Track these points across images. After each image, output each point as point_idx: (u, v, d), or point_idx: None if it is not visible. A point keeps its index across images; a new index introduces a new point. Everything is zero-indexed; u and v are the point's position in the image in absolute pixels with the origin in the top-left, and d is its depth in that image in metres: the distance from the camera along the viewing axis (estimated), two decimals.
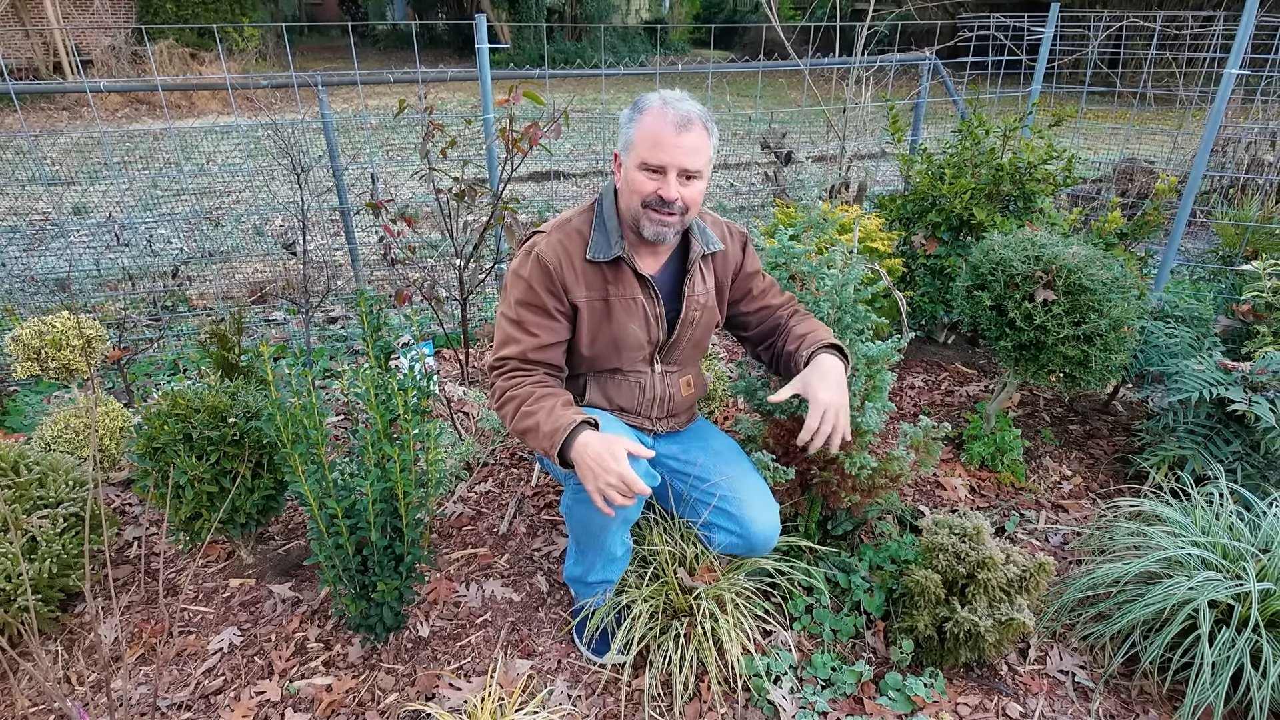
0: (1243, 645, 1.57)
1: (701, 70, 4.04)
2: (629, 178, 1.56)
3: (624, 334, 1.66)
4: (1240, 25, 2.85)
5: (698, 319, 1.74)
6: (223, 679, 1.77)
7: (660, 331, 1.70)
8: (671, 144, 1.49)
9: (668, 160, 1.51)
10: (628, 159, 1.56)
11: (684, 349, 1.78)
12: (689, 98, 1.56)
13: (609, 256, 1.60)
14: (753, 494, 1.72)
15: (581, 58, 16.55)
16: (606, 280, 1.63)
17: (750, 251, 1.82)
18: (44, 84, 3.26)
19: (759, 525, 1.69)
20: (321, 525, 1.62)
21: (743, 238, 1.81)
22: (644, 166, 1.53)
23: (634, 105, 1.56)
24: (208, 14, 14.04)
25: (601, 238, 1.62)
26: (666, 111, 1.50)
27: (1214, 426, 2.20)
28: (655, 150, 1.50)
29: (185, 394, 1.87)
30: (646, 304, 1.66)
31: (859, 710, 1.67)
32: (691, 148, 1.51)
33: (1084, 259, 2.19)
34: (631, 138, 1.54)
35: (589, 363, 1.71)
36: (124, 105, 11.06)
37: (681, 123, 1.49)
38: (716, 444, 1.85)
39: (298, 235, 3.82)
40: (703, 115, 1.53)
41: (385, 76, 3.33)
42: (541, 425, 1.49)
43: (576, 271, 1.61)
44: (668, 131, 1.49)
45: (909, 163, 3.21)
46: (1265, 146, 4.96)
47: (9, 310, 3.46)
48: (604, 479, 1.39)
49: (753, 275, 1.82)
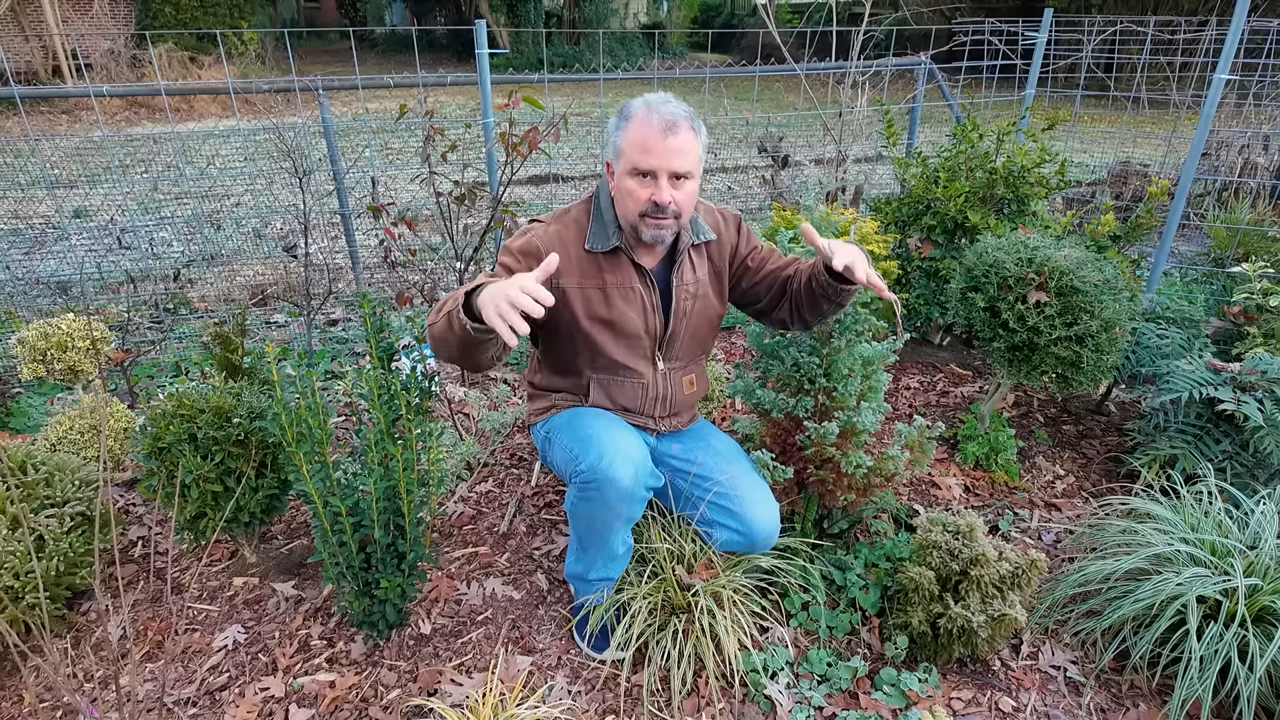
0: (1230, 640, 1.59)
1: (699, 74, 4.07)
2: (622, 186, 1.59)
3: (623, 319, 1.70)
4: (1230, 31, 2.89)
5: (690, 308, 1.76)
6: (227, 675, 1.79)
7: (657, 320, 1.73)
8: (660, 148, 1.52)
9: (657, 164, 1.53)
10: (618, 166, 1.59)
11: (683, 342, 1.80)
12: (674, 99, 1.58)
13: (607, 247, 1.65)
14: (753, 492, 1.75)
15: (580, 62, 16.60)
16: (603, 269, 1.67)
17: (745, 231, 1.83)
18: (48, 88, 3.28)
19: (760, 522, 1.72)
20: (326, 523, 1.65)
21: (736, 220, 1.83)
22: (635, 172, 1.55)
23: (620, 113, 1.58)
24: (207, 18, 14.07)
25: (600, 229, 1.66)
26: (652, 116, 1.52)
27: (1204, 426, 2.23)
28: (644, 155, 1.53)
29: (190, 395, 1.90)
30: (644, 292, 1.70)
31: (854, 705, 1.70)
32: (679, 149, 1.53)
33: (1076, 261, 2.22)
34: (620, 145, 1.57)
35: (589, 351, 1.73)
36: (124, 109, 11.09)
37: (667, 125, 1.52)
38: (717, 443, 1.88)
39: (299, 238, 3.85)
40: (689, 115, 1.55)
41: (386, 81, 3.36)
42: (446, 305, 1.43)
43: (571, 259, 1.65)
44: (654, 136, 1.52)
45: (904, 166, 3.25)
46: (1258, 150, 5.01)
47: (11, 313, 3.49)
48: (500, 298, 1.25)
49: (751, 251, 1.83)
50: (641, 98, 1.58)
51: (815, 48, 4.14)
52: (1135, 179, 4.95)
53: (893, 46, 4.37)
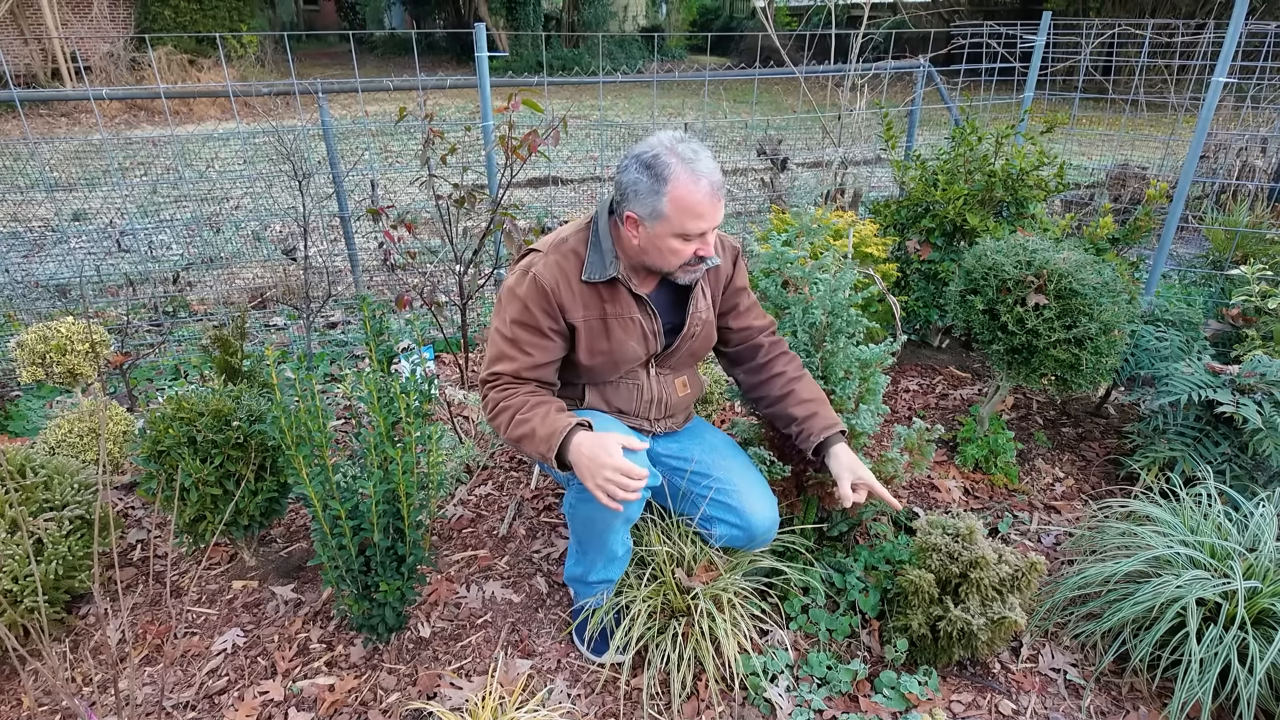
0: (1230, 642, 1.60)
1: (698, 77, 4.08)
2: (661, 244, 1.56)
3: (622, 350, 1.69)
4: (1228, 33, 2.90)
5: (699, 333, 1.76)
6: (226, 679, 1.79)
7: (657, 345, 1.73)
8: (711, 213, 1.52)
9: (708, 227, 1.54)
10: (656, 227, 1.54)
11: (680, 358, 1.80)
12: (697, 143, 1.53)
13: (604, 278, 1.61)
14: (751, 486, 1.76)
15: (579, 64, 16.63)
16: (603, 299, 1.65)
17: (740, 266, 1.83)
18: (47, 91, 3.28)
19: (759, 516, 1.72)
20: (325, 526, 1.65)
21: (734, 251, 1.81)
22: (684, 237, 1.54)
23: (650, 170, 1.50)
24: (206, 21, 14.08)
25: (597, 259, 1.63)
26: (699, 181, 1.48)
27: (1203, 428, 2.23)
28: (696, 221, 1.51)
29: (189, 398, 1.90)
30: (644, 321, 1.69)
31: (854, 708, 1.70)
32: (722, 205, 1.54)
33: (1075, 264, 2.22)
34: (662, 210, 1.50)
35: (588, 374, 1.74)
36: (123, 111, 11.09)
37: (714, 189, 1.50)
38: (713, 440, 1.88)
39: (298, 241, 3.85)
40: (716, 164, 1.54)
41: (385, 83, 3.36)
42: (538, 431, 1.53)
43: (574, 292, 1.62)
44: (704, 203, 1.50)
45: (903, 169, 3.25)
46: (1256, 152, 5.02)
47: (10, 316, 3.48)
48: (601, 475, 1.44)
49: (739, 291, 1.83)
50: (668, 149, 1.50)
51: (814, 51, 4.15)
52: (1134, 181, 4.96)
53: (891, 49, 4.38)
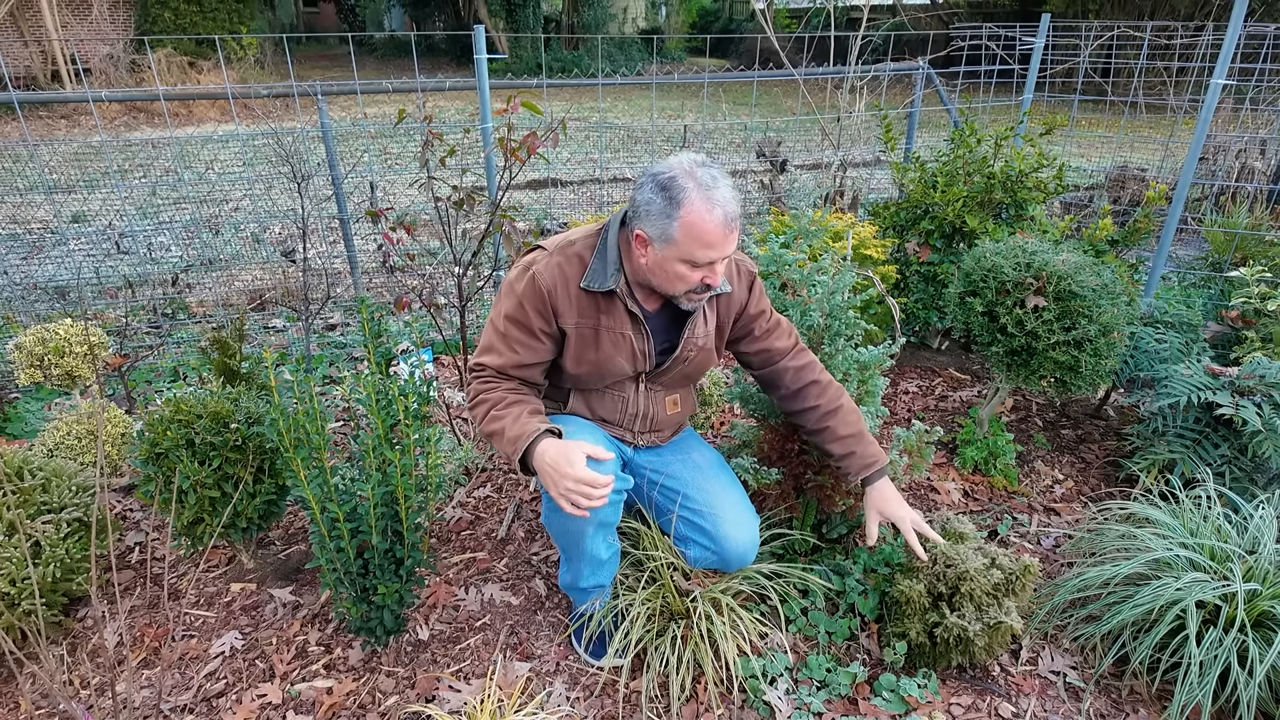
0: (1230, 645, 1.59)
1: (698, 80, 4.08)
2: (669, 268, 1.52)
3: (609, 363, 1.65)
4: (1227, 35, 2.90)
5: (692, 358, 1.71)
6: (224, 682, 1.78)
7: (646, 365, 1.69)
8: (723, 243, 1.47)
9: (718, 256, 1.49)
10: (665, 250, 1.49)
11: (672, 378, 1.76)
12: (719, 172, 1.48)
13: (603, 288, 1.57)
14: (729, 508, 1.72)
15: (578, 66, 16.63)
16: (599, 310, 1.61)
17: (757, 292, 1.74)
18: (47, 94, 3.29)
19: (733, 541, 1.69)
20: (324, 529, 1.64)
21: (750, 277, 1.73)
22: (691, 264, 1.50)
23: (665, 191, 1.46)
24: (205, 23, 14.09)
25: (600, 268, 1.58)
26: (713, 209, 1.44)
27: (1202, 430, 2.23)
28: (706, 251, 1.47)
29: (188, 400, 1.89)
30: (635, 339, 1.64)
31: (854, 711, 1.69)
32: (735, 235, 1.49)
33: (1074, 266, 2.22)
34: (673, 234, 1.46)
35: (574, 380, 1.71)
36: (122, 113, 11.10)
37: (729, 220, 1.45)
38: (697, 457, 1.84)
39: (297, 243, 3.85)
40: (734, 193, 1.49)
41: (384, 85, 3.36)
42: (507, 430, 1.52)
43: (571, 297, 1.59)
44: (717, 233, 1.45)
45: (902, 171, 3.25)
46: (1255, 154, 5.02)
47: (9, 318, 3.48)
48: (562, 485, 1.43)
49: (757, 316, 1.75)
50: (686, 173, 1.46)
51: (813, 53, 4.15)
52: (1133, 183, 4.97)
53: (890, 51, 4.38)
